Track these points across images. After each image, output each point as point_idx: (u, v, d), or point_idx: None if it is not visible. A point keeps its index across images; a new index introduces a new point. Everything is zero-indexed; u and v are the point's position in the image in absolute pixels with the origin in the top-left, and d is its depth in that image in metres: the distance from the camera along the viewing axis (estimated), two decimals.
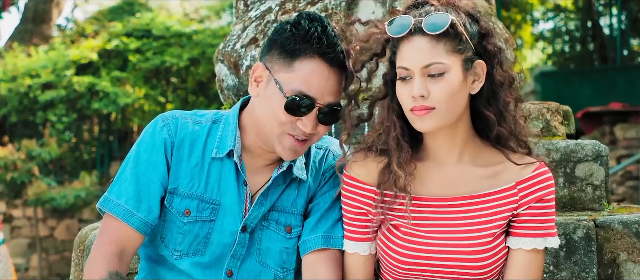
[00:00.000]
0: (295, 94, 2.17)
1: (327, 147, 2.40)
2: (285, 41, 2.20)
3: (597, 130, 11.37)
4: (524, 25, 18.12)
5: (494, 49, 2.18)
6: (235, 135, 2.27)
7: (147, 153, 2.27)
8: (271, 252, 2.31)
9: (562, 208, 2.93)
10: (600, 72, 14.81)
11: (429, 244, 2.19)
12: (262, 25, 3.36)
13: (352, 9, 3.38)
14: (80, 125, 13.62)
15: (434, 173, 2.23)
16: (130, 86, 13.11)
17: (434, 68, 2.09)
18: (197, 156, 2.28)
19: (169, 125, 2.29)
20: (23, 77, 13.10)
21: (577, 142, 2.98)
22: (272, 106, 2.19)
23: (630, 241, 2.74)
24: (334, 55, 2.19)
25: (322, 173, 2.37)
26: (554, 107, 3.17)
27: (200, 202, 2.27)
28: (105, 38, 13.66)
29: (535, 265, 2.19)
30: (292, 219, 2.32)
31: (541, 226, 2.19)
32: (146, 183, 2.25)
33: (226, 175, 2.28)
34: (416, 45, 2.11)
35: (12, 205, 12.26)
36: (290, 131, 2.19)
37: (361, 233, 2.26)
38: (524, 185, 2.20)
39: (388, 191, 2.20)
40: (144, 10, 15.42)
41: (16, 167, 12.17)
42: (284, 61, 2.19)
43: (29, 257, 12.08)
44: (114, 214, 2.24)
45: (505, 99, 2.19)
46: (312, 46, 2.18)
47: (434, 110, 2.10)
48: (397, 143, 2.19)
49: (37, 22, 16.34)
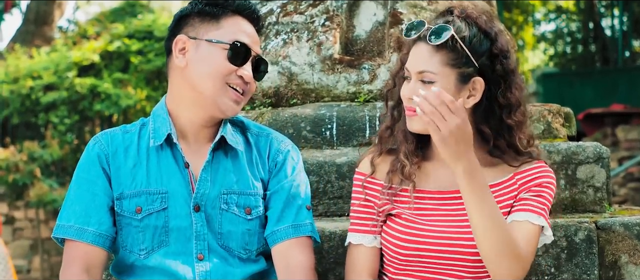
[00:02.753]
0: (234, 42, 2.33)
1: (268, 134, 2.50)
2: (203, 9, 2.38)
3: (598, 132, 11.37)
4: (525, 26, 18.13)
5: (502, 70, 2.24)
6: (168, 121, 2.37)
7: (85, 171, 2.37)
8: (233, 235, 2.35)
9: (563, 210, 2.93)
10: (602, 74, 14.81)
11: (429, 230, 2.25)
12: (263, 27, 3.36)
13: (353, 11, 3.38)
14: (81, 127, 13.61)
15: (438, 170, 2.33)
16: (132, 87, 13.11)
17: (426, 75, 2.21)
18: (132, 157, 2.37)
19: (100, 141, 2.40)
20: (24, 79, 13.10)
21: (578, 144, 2.98)
22: (211, 62, 2.32)
23: (632, 243, 2.73)
24: (250, 11, 2.41)
25: (271, 157, 2.44)
26: (554, 109, 3.17)
27: (148, 195, 2.33)
28: (106, 39, 13.66)
29: (529, 237, 2.20)
30: (251, 199, 2.37)
31: (536, 205, 2.24)
32: (90, 198, 2.33)
33: (165, 163, 2.36)
34: (419, 50, 2.23)
35: (13, 207, 12.26)
36: (232, 80, 2.33)
37: (366, 225, 2.34)
38: (522, 175, 2.29)
39: (394, 183, 2.32)
40: (146, 11, 15.42)
41: (18, 169, 12.17)
42: (209, 23, 2.36)
43: (30, 259, 12.09)
44: (67, 236, 2.31)
45: (505, 120, 2.26)
46: (230, 7, 2.38)
47: None
48: (405, 135, 2.32)
49: (39, 24, 16.35)
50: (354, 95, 3.22)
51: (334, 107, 3.12)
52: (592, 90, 13.48)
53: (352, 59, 3.26)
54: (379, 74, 3.22)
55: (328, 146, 3.07)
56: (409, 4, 3.31)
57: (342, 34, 3.31)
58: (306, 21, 3.32)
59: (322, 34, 3.26)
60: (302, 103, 3.23)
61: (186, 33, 2.37)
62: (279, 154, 2.43)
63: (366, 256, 2.33)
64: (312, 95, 3.25)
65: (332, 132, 3.07)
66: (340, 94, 3.23)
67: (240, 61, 2.33)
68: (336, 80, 3.23)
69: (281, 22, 3.34)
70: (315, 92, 3.24)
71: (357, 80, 3.22)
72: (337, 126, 3.07)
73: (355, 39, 3.37)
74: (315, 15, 3.32)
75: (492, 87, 2.23)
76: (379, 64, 3.23)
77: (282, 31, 3.33)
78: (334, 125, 3.08)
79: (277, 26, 3.35)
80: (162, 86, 13.61)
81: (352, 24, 3.37)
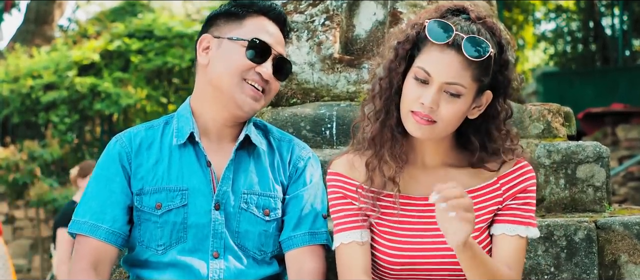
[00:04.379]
0: (253, 39, 2.36)
1: (290, 139, 2.51)
2: (228, 10, 2.43)
3: (598, 131, 11.37)
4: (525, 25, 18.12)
5: (503, 81, 2.17)
6: (191, 120, 2.40)
7: (104, 169, 2.39)
8: (250, 235, 2.37)
9: (562, 209, 2.93)
10: (602, 73, 14.81)
11: (419, 242, 2.21)
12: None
13: (353, 10, 3.38)
14: (82, 126, 13.61)
15: (419, 175, 2.26)
16: (132, 87, 13.11)
17: (454, 88, 2.08)
18: (154, 154, 2.39)
19: (121, 139, 2.43)
20: (25, 78, 13.10)
21: (578, 144, 2.98)
22: (231, 58, 2.36)
23: (631, 242, 2.74)
24: (275, 13, 2.44)
25: (292, 162, 2.45)
26: (554, 108, 3.18)
27: (168, 191, 2.35)
28: (107, 38, 13.66)
29: (518, 252, 2.21)
30: (270, 201, 2.39)
31: (524, 215, 2.22)
32: (107, 195, 2.35)
33: (188, 161, 2.38)
34: (448, 58, 2.08)
35: (13, 206, 12.27)
36: (250, 77, 2.34)
37: (353, 221, 2.25)
38: (506, 179, 2.25)
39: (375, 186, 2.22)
40: (146, 10, 15.41)
41: (18, 168, 12.17)
42: (233, 23, 2.41)
43: (30, 258, 12.09)
44: (81, 232, 2.34)
45: (493, 131, 2.21)
46: (254, 8, 2.42)
47: (435, 124, 2.12)
48: (392, 133, 2.20)
49: (39, 23, 16.35)
50: (354, 94, 3.22)
51: (333, 107, 3.12)
52: (592, 89, 13.48)
53: (352, 58, 3.26)
54: (379, 74, 3.21)
55: (328, 145, 3.08)
56: (408, 4, 3.31)
57: (342, 34, 3.31)
58: (306, 20, 3.32)
59: (322, 33, 3.26)
60: (302, 102, 3.23)
61: (211, 33, 2.42)
62: (300, 161, 2.45)
63: (359, 254, 2.23)
64: (312, 94, 3.25)
65: (332, 132, 3.07)
66: (340, 93, 3.23)
67: (258, 58, 2.36)
68: (336, 80, 3.23)
69: None
70: (315, 92, 3.24)
71: (357, 80, 3.22)
72: (337, 126, 3.07)
73: (355, 39, 3.37)
74: (315, 15, 3.32)
75: (494, 97, 2.19)
76: (379, 64, 3.23)
77: None
78: (334, 125, 3.08)
79: None
80: (162, 85, 13.61)
81: (352, 24, 3.37)
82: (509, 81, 2.19)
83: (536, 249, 2.70)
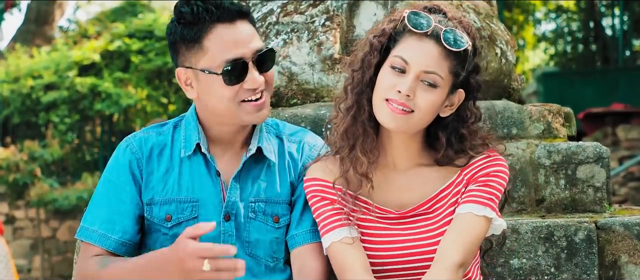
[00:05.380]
0: (223, 64, 2.19)
1: (301, 139, 2.43)
2: (182, 34, 2.23)
3: (599, 131, 11.36)
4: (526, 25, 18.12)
5: (475, 84, 2.21)
6: (198, 129, 2.32)
7: (114, 176, 2.33)
8: (261, 243, 2.33)
9: (563, 210, 2.93)
10: (602, 73, 14.80)
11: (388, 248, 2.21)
12: (263, 27, 3.36)
13: (354, 11, 3.38)
14: (82, 126, 13.63)
15: (391, 177, 2.26)
16: (133, 87, 13.12)
17: (432, 77, 2.11)
18: (165, 162, 2.33)
19: (131, 145, 2.35)
20: (25, 78, 13.11)
21: (578, 144, 2.98)
22: (216, 91, 2.22)
23: (631, 243, 2.74)
24: (227, 12, 2.21)
25: (302, 162, 2.40)
26: (554, 109, 3.18)
27: (178, 203, 2.31)
28: (107, 39, 13.67)
29: (467, 230, 2.13)
30: (278, 208, 2.35)
31: (481, 195, 2.17)
32: (117, 204, 2.30)
33: (197, 171, 2.32)
34: (427, 47, 2.12)
35: (14, 206, 12.28)
36: (244, 96, 2.23)
37: (339, 219, 2.23)
38: (469, 169, 2.22)
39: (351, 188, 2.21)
40: (146, 10, 15.42)
41: (18, 168, 12.18)
42: (194, 50, 2.23)
43: (31, 258, 12.10)
44: (89, 240, 2.30)
45: (461, 131, 2.22)
46: (204, 21, 2.20)
47: (410, 114, 2.13)
48: (364, 128, 2.20)
49: (40, 23, 16.36)
50: None
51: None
52: (593, 89, 13.47)
53: None
54: None
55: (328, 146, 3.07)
56: (409, 4, 3.31)
57: (342, 34, 3.31)
58: (306, 21, 3.32)
59: (322, 34, 3.26)
60: (302, 103, 3.23)
61: (182, 64, 2.28)
62: (309, 160, 2.40)
63: (355, 252, 2.19)
64: (312, 95, 3.25)
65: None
66: (340, 94, 3.23)
67: (239, 78, 2.22)
68: (336, 80, 3.23)
69: (281, 22, 3.34)
70: (316, 92, 3.24)
71: None
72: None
73: (356, 39, 3.36)
74: (316, 15, 3.32)
75: (466, 99, 2.22)
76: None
77: (282, 31, 3.32)
78: None
79: (277, 26, 3.35)
80: (163, 86, 13.61)
81: (352, 24, 3.37)
82: (480, 85, 2.22)
83: (536, 249, 2.70)
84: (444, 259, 2.10)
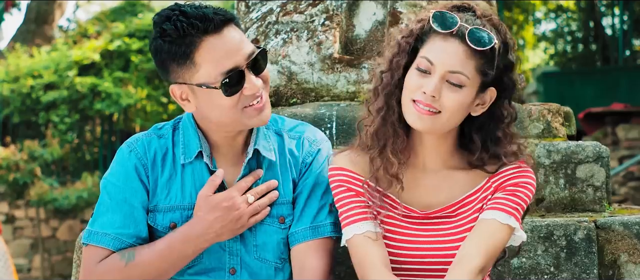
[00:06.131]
0: (220, 77, 2.14)
1: (300, 135, 2.40)
2: (169, 51, 2.17)
3: (598, 131, 11.36)
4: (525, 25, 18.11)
5: (509, 83, 2.18)
6: (198, 136, 2.28)
7: (122, 181, 2.28)
8: (268, 246, 2.31)
9: (562, 209, 2.93)
10: (602, 73, 14.80)
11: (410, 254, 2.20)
12: (263, 26, 3.36)
13: (353, 10, 3.38)
14: (82, 126, 13.62)
15: (418, 179, 2.24)
16: (132, 86, 13.11)
17: (457, 77, 2.09)
18: (168, 168, 2.29)
19: (136, 150, 2.30)
20: (25, 78, 13.10)
21: (577, 143, 2.98)
22: (216, 104, 2.18)
23: (631, 242, 2.74)
24: (212, 22, 2.15)
25: (302, 158, 2.36)
26: (554, 108, 3.18)
27: (182, 210, 2.28)
28: (107, 38, 13.66)
29: (489, 237, 2.12)
30: (283, 208, 2.33)
31: (507, 204, 2.16)
32: (129, 209, 2.26)
33: (200, 177, 2.29)
34: (452, 47, 2.10)
35: (14, 206, 12.27)
36: (245, 102, 2.19)
37: (364, 212, 2.21)
38: (498, 177, 2.21)
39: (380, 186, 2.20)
40: (146, 10, 15.40)
41: (18, 168, 12.17)
42: (185, 66, 2.17)
43: (31, 258, 12.09)
44: (102, 245, 2.25)
45: (496, 133, 2.20)
46: (191, 35, 2.14)
47: (438, 115, 2.11)
48: (394, 129, 2.20)
49: (39, 23, 16.35)
50: (354, 94, 3.22)
51: (333, 107, 3.12)
52: (593, 89, 13.47)
53: (352, 58, 3.26)
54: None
55: None
56: (408, 4, 3.31)
57: (342, 34, 3.31)
58: (306, 20, 3.32)
59: (322, 33, 3.26)
60: (302, 102, 3.23)
61: (175, 80, 2.22)
62: (309, 156, 2.37)
63: (377, 247, 2.16)
64: (311, 94, 3.25)
65: (332, 132, 3.07)
66: (340, 93, 3.23)
67: (237, 87, 2.17)
68: (336, 80, 3.23)
69: (281, 21, 3.34)
70: (315, 92, 3.24)
71: (356, 80, 3.22)
72: (337, 125, 3.07)
73: (355, 39, 3.37)
74: (315, 15, 3.32)
75: (499, 98, 2.18)
76: (379, 64, 3.23)
77: (281, 30, 3.32)
78: (334, 125, 3.08)
79: (276, 26, 3.35)
80: (163, 85, 13.61)
81: (351, 24, 3.37)
82: (514, 83, 2.19)
83: (536, 248, 2.70)
84: (465, 262, 2.10)
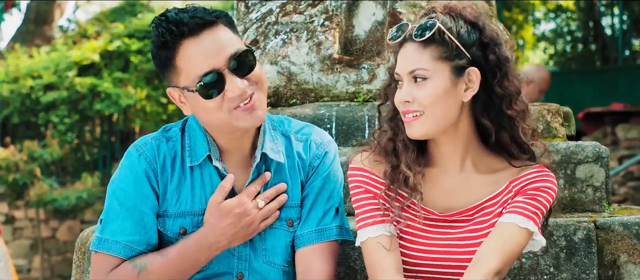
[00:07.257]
0: (197, 80, 2.14)
1: (307, 137, 2.39)
2: (158, 57, 2.20)
3: (598, 131, 11.35)
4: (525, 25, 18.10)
5: (496, 59, 2.17)
6: (206, 139, 2.27)
7: (131, 186, 2.25)
8: (277, 250, 2.31)
9: (562, 209, 2.93)
10: (602, 73, 14.80)
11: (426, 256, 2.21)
12: (262, 27, 3.36)
13: (353, 11, 3.38)
14: (82, 126, 13.61)
15: (437, 181, 2.25)
16: (132, 87, 13.10)
17: (418, 73, 2.14)
18: (178, 172, 2.28)
19: (145, 154, 2.27)
20: (25, 78, 13.10)
21: (577, 144, 2.98)
22: (201, 107, 2.19)
23: (631, 242, 2.73)
24: (188, 27, 2.13)
25: (309, 161, 2.36)
26: (554, 108, 3.18)
27: (193, 216, 2.27)
28: (106, 39, 13.66)
29: (507, 240, 2.12)
30: (292, 212, 2.33)
31: (527, 208, 2.15)
32: (139, 216, 2.24)
33: (209, 181, 2.28)
34: (406, 51, 2.17)
35: (13, 206, 12.26)
36: (232, 104, 2.16)
37: (380, 215, 2.21)
38: (519, 180, 2.21)
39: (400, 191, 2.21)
40: (146, 10, 15.41)
41: (18, 168, 12.17)
42: (171, 71, 2.20)
43: (30, 258, 12.09)
44: (113, 253, 2.23)
45: (506, 111, 2.18)
46: (171, 39, 2.14)
47: (422, 116, 2.14)
48: (404, 145, 2.23)
49: (39, 23, 16.34)
50: (353, 95, 3.22)
51: (333, 107, 3.12)
52: (592, 89, 13.47)
53: (352, 58, 3.27)
54: (378, 74, 3.22)
55: None
56: (408, 4, 3.32)
57: (342, 34, 3.32)
58: (305, 21, 3.32)
59: (322, 33, 3.26)
60: (302, 103, 3.23)
61: (170, 83, 2.25)
62: (316, 159, 2.36)
63: (389, 249, 2.16)
64: (311, 95, 3.25)
65: (332, 132, 3.08)
66: (339, 93, 3.23)
67: (215, 90, 2.15)
68: (335, 80, 3.23)
69: (280, 22, 3.34)
70: (315, 92, 3.25)
71: (356, 80, 3.22)
72: (337, 126, 3.07)
73: (355, 39, 3.37)
74: (315, 15, 3.32)
75: (489, 77, 2.17)
76: (379, 64, 3.23)
77: (281, 31, 3.33)
78: (333, 125, 3.08)
79: (276, 26, 3.35)
80: (162, 86, 13.60)
81: (351, 24, 3.37)
82: (504, 58, 2.18)
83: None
84: (482, 264, 2.09)
